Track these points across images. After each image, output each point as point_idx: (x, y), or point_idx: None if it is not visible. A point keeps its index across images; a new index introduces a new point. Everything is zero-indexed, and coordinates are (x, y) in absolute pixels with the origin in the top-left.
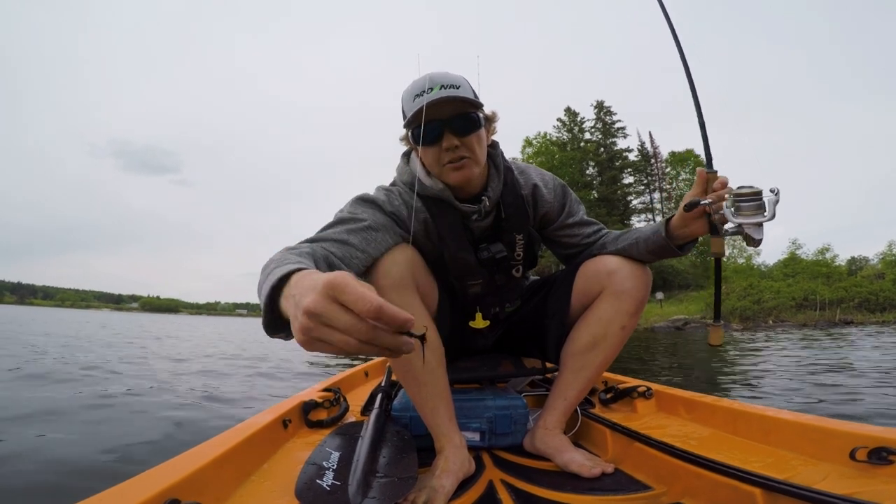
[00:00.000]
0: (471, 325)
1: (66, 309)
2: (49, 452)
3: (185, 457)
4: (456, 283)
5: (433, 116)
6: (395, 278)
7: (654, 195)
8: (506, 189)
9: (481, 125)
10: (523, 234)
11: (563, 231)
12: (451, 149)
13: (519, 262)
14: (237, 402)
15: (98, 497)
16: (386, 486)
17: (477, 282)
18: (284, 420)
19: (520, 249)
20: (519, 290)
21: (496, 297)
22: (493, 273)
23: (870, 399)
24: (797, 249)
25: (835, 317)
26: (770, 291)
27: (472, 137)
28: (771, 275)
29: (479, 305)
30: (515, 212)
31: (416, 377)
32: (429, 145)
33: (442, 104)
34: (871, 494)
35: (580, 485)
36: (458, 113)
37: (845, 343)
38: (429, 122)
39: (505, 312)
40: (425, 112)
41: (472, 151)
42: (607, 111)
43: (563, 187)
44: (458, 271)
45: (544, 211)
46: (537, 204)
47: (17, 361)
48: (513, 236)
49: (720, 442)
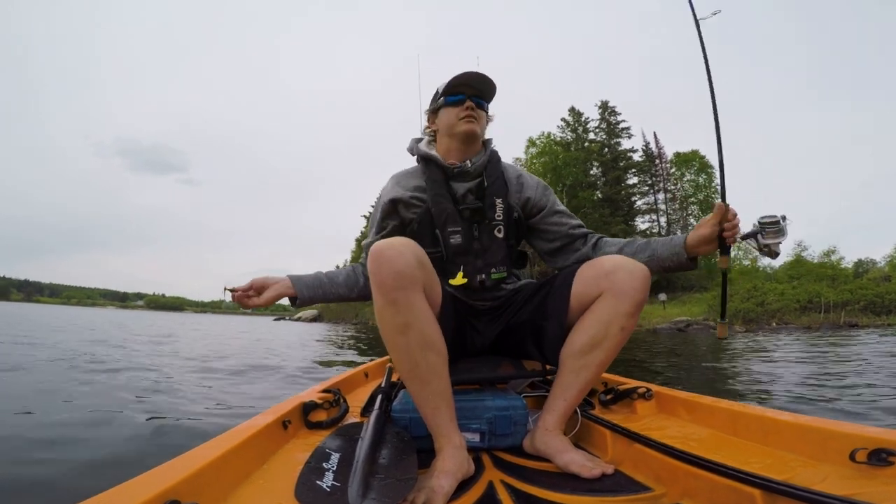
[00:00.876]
0: (451, 283)
1: (72, 307)
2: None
3: (184, 458)
4: (439, 234)
5: (464, 90)
6: (401, 275)
7: (659, 196)
8: (490, 165)
9: (487, 111)
10: (502, 199)
11: (551, 218)
12: (469, 108)
13: (500, 223)
14: (237, 403)
15: (97, 498)
16: (386, 488)
17: (457, 229)
18: (284, 421)
19: (500, 212)
20: (504, 256)
21: (480, 256)
22: (474, 225)
23: (873, 400)
24: (803, 252)
25: (840, 319)
26: (774, 293)
27: (482, 112)
28: (776, 277)
29: (463, 264)
30: (496, 181)
31: (419, 376)
32: (454, 105)
33: (475, 80)
34: (871, 496)
35: (580, 486)
36: (480, 91)
37: (849, 345)
38: (461, 91)
39: (491, 280)
40: (471, 81)
41: (480, 118)
42: (612, 111)
43: (546, 186)
44: (440, 218)
45: (527, 196)
46: (523, 189)
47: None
48: (492, 199)
49: (720, 443)
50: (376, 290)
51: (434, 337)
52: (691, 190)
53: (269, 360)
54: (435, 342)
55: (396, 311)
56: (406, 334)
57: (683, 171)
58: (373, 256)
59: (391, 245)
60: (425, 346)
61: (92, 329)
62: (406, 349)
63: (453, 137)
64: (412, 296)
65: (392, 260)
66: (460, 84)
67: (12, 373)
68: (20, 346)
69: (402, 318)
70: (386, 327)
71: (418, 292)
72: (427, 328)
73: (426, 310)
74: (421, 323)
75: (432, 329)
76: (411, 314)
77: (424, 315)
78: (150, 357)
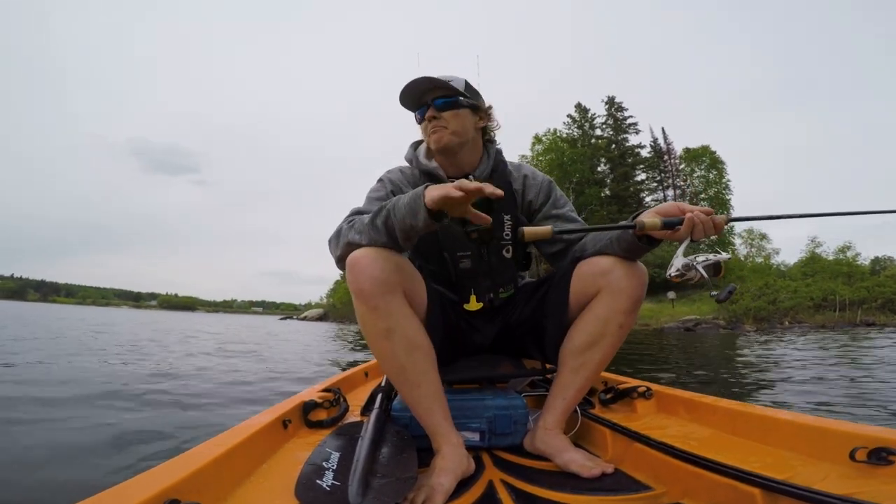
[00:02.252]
0: (465, 308)
1: (87, 306)
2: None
3: (184, 457)
4: (448, 257)
5: (422, 99)
6: (378, 281)
7: (668, 192)
8: (495, 174)
9: (460, 106)
10: (510, 216)
11: (547, 222)
12: (431, 119)
13: (508, 243)
14: (237, 402)
15: (97, 497)
16: (386, 487)
17: (466, 254)
18: (284, 420)
19: (507, 230)
20: (511, 275)
21: (488, 276)
22: (483, 249)
23: (882, 400)
24: (816, 248)
25: (856, 318)
26: (786, 291)
27: (447, 113)
28: (789, 275)
29: (473, 287)
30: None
31: (408, 379)
32: (421, 121)
33: (425, 88)
34: (871, 495)
35: (580, 485)
36: (439, 95)
37: (865, 345)
38: (422, 105)
39: (499, 298)
40: (407, 93)
41: (448, 123)
42: (618, 107)
43: (550, 182)
44: (447, 242)
45: (531, 198)
46: (525, 192)
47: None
48: (500, 216)
49: (720, 442)
50: (356, 299)
51: (419, 339)
52: (701, 186)
53: (270, 358)
54: (421, 344)
55: (378, 317)
56: (390, 339)
57: (693, 166)
58: (349, 266)
59: (365, 253)
60: (411, 348)
61: (109, 327)
62: (392, 354)
63: (430, 150)
64: (392, 300)
65: (368, 267)
66: (406, 100)
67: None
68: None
69: (384, 324)
70: (370, 334)
71: (398, 296)
72: (410, 331)
73: (408, 313)
74: (404, 327)
75: (417, 331)
76: (393, 319)
77: (407, 318)
78: (160, 356)
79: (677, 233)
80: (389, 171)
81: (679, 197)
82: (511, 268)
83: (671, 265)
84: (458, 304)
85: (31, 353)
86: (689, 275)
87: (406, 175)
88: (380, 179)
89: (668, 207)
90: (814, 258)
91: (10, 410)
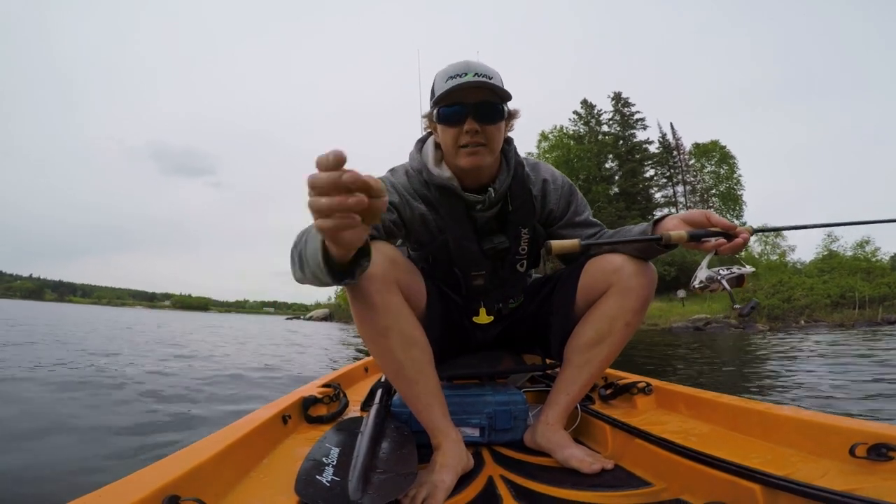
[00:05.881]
0: (475, 321)
1: (103, 306)
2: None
3: (184, 453)
4: (460, 274)
5: (462, 100)
6: (373, 278)
7: (678, 188)
8: (515, 183)
9: (503, 117)
10: (528, 229)
11: (567, 230)
12: (471, 133)
13: (523, 257)
14: (236, 399)
15: (97, 493)
16: (386, 482)
17: (481, 272)
18: (284, 416)
19: (524, 244)
20: (522, 286)
21: (500, 291)
22: (497, 264)
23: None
24: (832, 243)
25: (876, 316)
26: (802, 289)
27: (492, 127)
28: (805, 272)
29: (484, 300)
30: (522, 205)
31: (406, 376)
32: (451, 126)
33: (472, 89)
34: (871, 491)
35: (580, 481)
36: (484, 100)
37: (885, 343)
38: (457, 103)
39: (508, 308)
40: (455, 95)
41: (489, 140)
42: (625, 102)
43: (570, 186)
44: (462, 261)
45: (552, 206)
46: (545, 199)
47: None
48: (518, 230)
49: (720, 438)
50: (350, 296)
51: (416, 335)
52: (712, 181)
53: (271, 358)
54: (418, 340)
55: (374, 314)
56: (387, 336)
57: (703, 161)
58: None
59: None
60: (408, 345)
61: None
62: (388, 351)
63: (455, 165)
64: (388, 297)
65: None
66: (454, 101)
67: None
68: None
69: (380, 321)
70: (365, 331)
71: (394, 292)
72: (407, 327)
73: (404, 309)
74: (400, 323)
75: (413, 327)
76: (389, 315)
77: (403, 315)
78: (165, 357)
79: (703, 244)
80: (394, 173)
81: (689, 193)
82: (523, 279)
83: (695, 277)
84: (466, 314)
85: (53, 353)
86: (713, 286)
87: (413, 183)
88: (381, 180)
89: (695, 216)
90: (831, 254)
91: (18, 407)
